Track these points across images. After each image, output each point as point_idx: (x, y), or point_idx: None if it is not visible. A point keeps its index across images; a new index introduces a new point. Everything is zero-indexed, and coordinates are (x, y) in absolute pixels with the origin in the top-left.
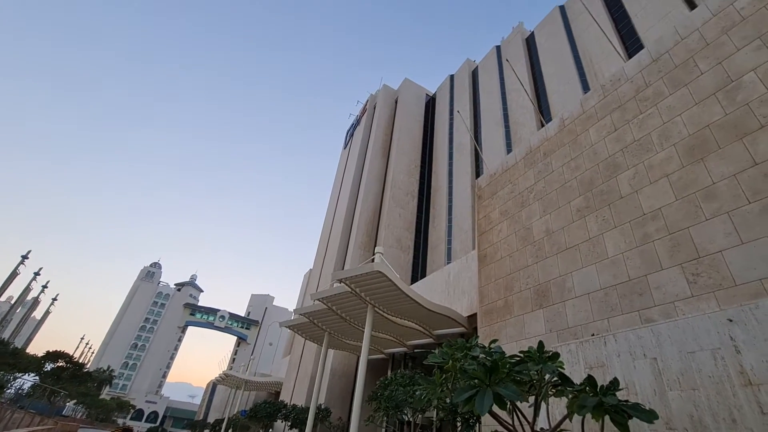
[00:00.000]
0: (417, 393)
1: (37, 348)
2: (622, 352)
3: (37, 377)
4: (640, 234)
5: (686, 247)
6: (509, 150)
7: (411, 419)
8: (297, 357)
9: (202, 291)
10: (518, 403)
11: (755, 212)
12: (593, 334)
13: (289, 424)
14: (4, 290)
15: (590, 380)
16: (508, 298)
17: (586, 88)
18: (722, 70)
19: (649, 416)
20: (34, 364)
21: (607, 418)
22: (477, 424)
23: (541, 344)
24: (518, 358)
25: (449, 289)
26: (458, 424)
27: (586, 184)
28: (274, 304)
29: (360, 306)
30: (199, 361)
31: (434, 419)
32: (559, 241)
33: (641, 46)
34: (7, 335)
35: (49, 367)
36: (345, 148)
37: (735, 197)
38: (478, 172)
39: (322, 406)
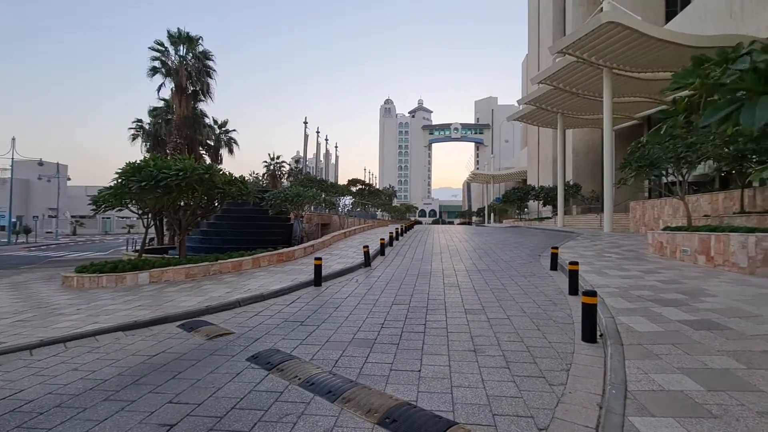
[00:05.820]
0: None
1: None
2: None
3: (351, 198)
4: None
5: None
6: None
7: (676, 178)
8: (534, 145)
9: (431, 111)
10: None
11: None
12: None
13: (541, 202)
14: (306, 150)
15: None
16: None
17: None
18: None
19: None
20: (345, 190)
21: None
22: None
23: None
24: None
25: (732, 6)
26: (749, 171)
27: None
28: (498, 104)
29: (592, 74)
30: (450, 169)
31: (710, 173)
32: None
33: None
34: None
35: (354, 189)
36: None
37: None
38: None
39: (571, 183)
